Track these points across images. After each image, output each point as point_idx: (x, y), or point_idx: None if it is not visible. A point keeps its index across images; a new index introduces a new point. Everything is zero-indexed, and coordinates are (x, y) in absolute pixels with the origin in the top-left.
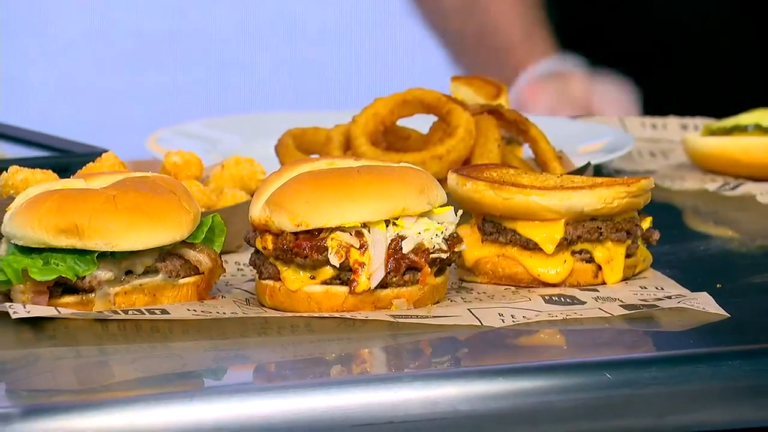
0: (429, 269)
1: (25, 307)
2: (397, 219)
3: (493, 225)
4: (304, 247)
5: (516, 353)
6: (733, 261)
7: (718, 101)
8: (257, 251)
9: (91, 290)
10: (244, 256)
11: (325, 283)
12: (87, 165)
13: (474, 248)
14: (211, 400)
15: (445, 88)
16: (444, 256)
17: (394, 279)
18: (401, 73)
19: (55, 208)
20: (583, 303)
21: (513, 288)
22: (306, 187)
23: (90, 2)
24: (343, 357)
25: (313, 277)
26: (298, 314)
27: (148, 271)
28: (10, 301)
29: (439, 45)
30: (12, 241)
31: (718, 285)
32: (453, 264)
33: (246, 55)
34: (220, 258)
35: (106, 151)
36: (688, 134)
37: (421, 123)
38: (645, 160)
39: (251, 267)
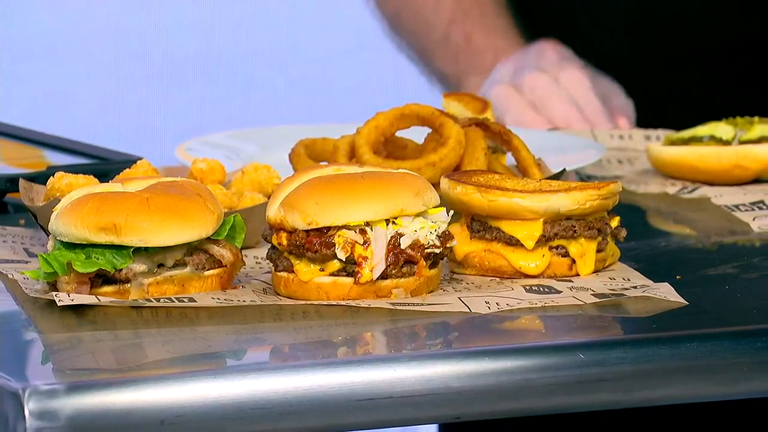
0: (424, 263)
1: (69, 296)
2: (396, 218)
3: (481, 224)
4: (315, 243)
5: (500, 336)
6: (690, 255)
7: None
8: (273, 247)
9: (127, 281)
10: (262, 251)
11: (332, 274)
12: (124, 171)
13: (463, 244)
14: (233, 378)
15: (438, 103)
16: (437, 251)
17: (393, 271)
18: (400, 90)
19: (95, 209)
20: (560, 292)
21: (498, 279)
22: (316, 191)
23: (127, 27)
24: (348, 340)
25: (323, 270)
26: (309, 302)
27: (178, 264)
28: (57, 290)
29: (418, 59)
30: (58, 238)
31: (677, 276)
32: (445, 258)
33: (264, 74)
34: (241, 253)
35: (140, 158)
36: (651, 144)
37: (417, 134)
38: (613, 167)
39: (268, 261)
